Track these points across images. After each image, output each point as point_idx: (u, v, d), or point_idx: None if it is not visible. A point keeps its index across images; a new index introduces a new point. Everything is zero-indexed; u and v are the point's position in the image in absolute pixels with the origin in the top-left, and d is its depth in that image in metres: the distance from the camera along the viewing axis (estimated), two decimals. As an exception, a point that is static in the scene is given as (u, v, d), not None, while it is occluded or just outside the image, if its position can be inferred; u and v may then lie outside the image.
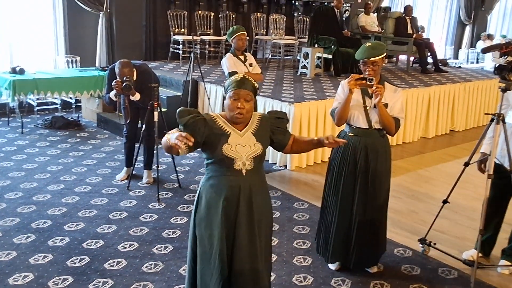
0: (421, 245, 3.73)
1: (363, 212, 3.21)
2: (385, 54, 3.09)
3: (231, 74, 4.73)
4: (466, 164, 3.49)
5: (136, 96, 4.47)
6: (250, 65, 4.89)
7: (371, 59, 2.99)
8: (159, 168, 4.64)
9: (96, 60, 7.53)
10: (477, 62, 12.99)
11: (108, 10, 7.44)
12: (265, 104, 5.50)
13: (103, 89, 6.50)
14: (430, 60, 8.80)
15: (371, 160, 3.15)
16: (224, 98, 2.34)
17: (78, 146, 5.79)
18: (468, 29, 13.78)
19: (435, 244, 3.66)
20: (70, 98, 6.92)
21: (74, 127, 6.52)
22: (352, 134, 3.18)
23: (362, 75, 3.02)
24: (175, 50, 7.79)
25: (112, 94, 4.52)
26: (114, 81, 4.37)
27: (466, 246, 3.82)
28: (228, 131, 2.29)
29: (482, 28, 13.99)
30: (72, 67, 7.21)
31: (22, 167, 5.00)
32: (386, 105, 3.05)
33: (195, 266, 2.41)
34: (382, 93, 2.94)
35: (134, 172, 4.88)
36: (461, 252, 3.69)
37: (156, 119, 4.43)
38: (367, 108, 3.08)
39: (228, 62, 4.77)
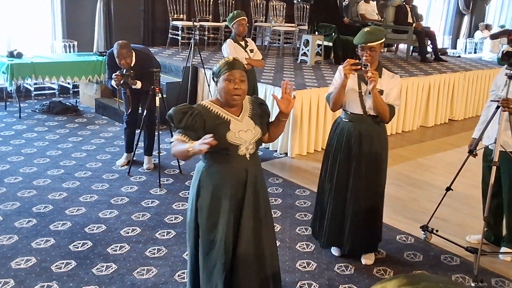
0: (423, 232, 3.74)
1: (357, 199, 3.20)
2: (383, 39, 3.04)
3: (233, 60, 4.69)
4: (470, 152, 3.50)
5: (138, 85, 4.42)
6: (251, 51, 4.84)
7: (369, 44, 2.95)
8: (162, 154, 4.62)
9: (94, 45, 7.44)
10: (475, 52, 12.99)
11: (106, -5, 7.34)
12: (266, 91, 5.46)
13: (103, 74, 6.48)
14: (429, 49, 8.78)
15: (365, 146, 3.14)
16: (214, 80, 2.28)
17: (77, 132, 5.74)
18: (466, 19, 13.75)
19: (437, 231, 3.67)
20: (68, 83, 6.86)
21: (72, 112, 6.47)
22: (347, 120, 3.18)
23: (358, 61, 2.99)
24: (174, 36, 7.72)
25: (113, 82, 4.48)
26: (114, 74, 4.32)
27: (468, 233, 3.84)
28: (227, 118, 2.26)
29: (480, 18, 13.96)
30: (70, 52, 7.12)
31: (21, 151, 4.95)
32: (381, 92, 3.01)
33: (197, 254, 2.39)
34: (376, 80, 2.90)
35: (134, 158, 4.85)
36: (463, 239, 3.71)
37: (157, 104, 4.39)
38: (362, 94, 3.06)
39: (228, 48, 4.73)
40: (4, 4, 6.91)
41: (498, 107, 3.22)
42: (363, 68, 2.89)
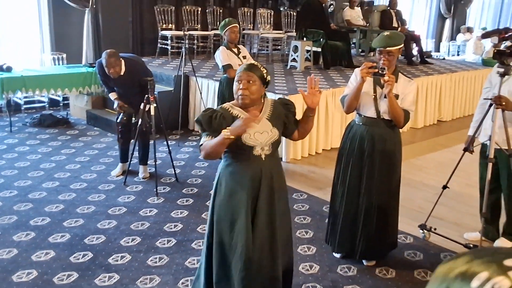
0: (421, 231, 3.78)
1: (370, 203, 3.19)
2: (402, 45, 3.06)
3: (225, 67, 4.72)
4: (465, 149, 3.55)
5: (142, 106, 4.48)
6: (244, 57, 4.87)
7: (387, 48, 2.96)
8: (157, 163, 4.61)
9: (83, 57, 7.41)
10: (458, 54, 13.19)
11: (94, 6, 7.33)
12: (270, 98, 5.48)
13: (93, 85, 6.47)
14: (414, 52, 8.90)
15: (378, 150, 3.12)
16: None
17: (69, 144, 5.70)
18: (448, 23, 13.97)
19: (435, 229, 3.71)
20: (58, 95, 6.82)
21: (63, 124, 6.42)
22: (360, 123, 3.17)
23: (375, 64, 3.02)
24: (163, 46, 7.73)
25: (111, 97, 4.58)
26: (117, 106, 4.53)
27: (465, 230, 3.89)
28: None
29: (461, 21, 14.20)
30: (59, 64, 7.08)
31: (14, 165, 4.90)
32: (397, 96, 3.01)
33: (211, 255, 2.42)
34: (392, 84, 2.91)
35: (130, 168, 4.83)
36: (461, 237, 3.76)
37: (152, 113, 4.39)
38: (377, 97, 3.06)
39: (221, 55, 4.76)
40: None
41: (491, 105, 3.29)
42: (380, 72, 2.91)
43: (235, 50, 4.83)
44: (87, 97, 6.65)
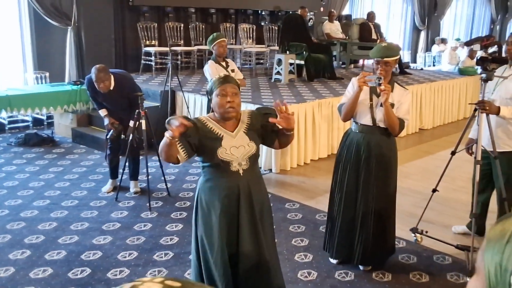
0: (413, 235, 3.86)
1: (367, 209, 3.25)
2: (398, 56, 3.17)
3: (215, 80, 4.78)
4: (453, 153, 3.67)
5: (131, 123, 4.49)
6: (232, 71, 4.94)
7: (385, 59, 3.05)
8: (145, 178, 4.61)
9: (66, 75, 7.38)
10: (434, 65, 13.55)
11: (76, 24, 7.33)
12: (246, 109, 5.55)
13: (79, 103, 6.45)
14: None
15: (374, 156, 3.19)
16: (209, 103, 2.37)
17: (57, 162, 5.66)
18: (423, 34, 14.36)
19: (427, 232, 3.80)
20: (42, 114, 6.77)
21: (48, 143, 6.36)
22: (357, 131, 3.24)
23: (372, 74, 3.11)
24: (147, 62, 7.76)
25: (101, 113, 4.59)
26: (108, 123, 4.55)
27: (455, 234, 3.99)
28: (220, 134, 2.31)
29: (435, 32, 14.61)
30: (42, 83, 7.04)
31: (3, 185, 4.84)
32: (392, 105, 3.09)
33: (200, 268, 2.44)
34: (389, 93, 2.99)
35: (118, 184, 4.81)
36: (451, 239, 3.86)
37: (144, 127, 4.41)
38: (373, 106, 3.14)
39: (210, 69, 4.82)
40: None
41: (476, 110, 3.41)
42: (376, 81, 2.99)
43: (224, 63, 4.90)
44: (72, 115, 6.62)
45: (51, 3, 6.94)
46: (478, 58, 3.37)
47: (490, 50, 10.07)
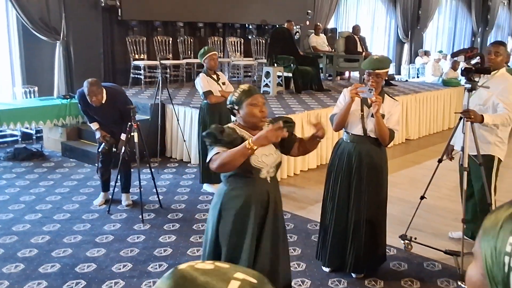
0: (402, 241, 3.93)
1: (358, 217, 3.31)
2: (389, 68, 3.27)
3: (206, 93, 4.85)
4: (440, 161, 3.78)
5: (123, 136, 4.52)
6: (223, 83, 5.02)
7: (376, 71, 3.15)
8: (137, 190, 4.64)
9: (54, 89, 7.39)
10: (417, 76, 13.81)
11: (65, 39, 7.36)
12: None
13: (68, 117, 6.46)
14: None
15: (365, 166, 3.26)
16: (232, 110, 2.43)
17: (47, 176, 5.64)
18: (406, 47, 14.64)
19: (415, 238, 3.88)
20: (31, 129, 6.76)
21: (38, 157, 6.34)
22: (348, 141, 3.32)
23: (364, 85, 3.20)
24: (136, 76, 7.80)
25: (92, 127, 4.63)
26: (100, 136, 4.58)
27: (442, 240, 4.09)
28: None
29: (419, 45, 14.91)
30: (30, 97, 7.04)
31: (-7, 199, 4.83)
32: (383, 116, 3.17)
33: None
34: (379, 104, 3.08)
35: (110, 197, 4.83)
36: (440, 246, 3.94)
37: (136, 140, 4.44)
38: (364, 116, 3.23)
39: (202, 82, 4.88)
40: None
41: (461, 118, 3.53)
42: (368, 92, 3.08)
43: (215, 76, 4.97)
44: (62, 129, 6.62)
45: (40, 17, 6.97)
46: (462, 69, 3.49)
47: (473, 61, 10.34)
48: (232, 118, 2.55)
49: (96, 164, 5.76)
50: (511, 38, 20.20)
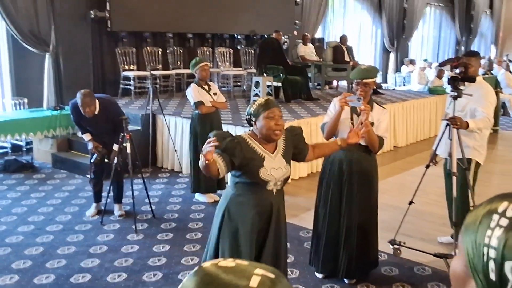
0: (391, 246, 4.00)
1: (350, 223, 3.38)
2: (376, 77, 3.37)
3: (197, 104, 4.90)
4: (427, 166, 3.90)
5: (115, 147, 4.55)
6: (214, 94, 5.07)
7: (364, 80, 3.24)
8: (129, 201, 4.67)
9: (44, 101, 7.39)
10: (404, 85, 14.01)
11: (55, 50, 7.37)
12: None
13: (58, 128, 6.46)
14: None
15: (356, 173, 3.34)
16: (250, 122, 2.50)
17: (38, 188, 5.64)
18: (392, 56, 14.86)
19: (404, 243, 3.96)
20: (21, 140, 6.75)
21: (28, 169, 6.32)
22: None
23: (353, 94, 3.28)
24: (126, 86, 7.83)
25: (85, 138, 4.64)
26: (92, 147, 4.60)
27: (431, 245, 4.17)
28: (262, 155, 2.44)
29: (404, 54, 15.15)
30: (20, 109, 7.03)
31: (-15, 211, 4.81)
32: (372, 124, 3.24)
33: None
34: (368, 112, 3.15)
35: (103, 208, 4.84)
36: (429, 250, 4.02)
37: (129, 150, 4.47)
38: (353, 124, 3.29)
39: (193, 92, 4.93)
40: None
41: (447, 125, 3.64)
42: (357, 101, 3.16)
43: (206, 87, 5.02)
44: (52, 140, 6.61)
45: (29, 29, 6.99)
46: (449, 77, 3.62)
47: (457, 70, 10.53)
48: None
49: (88, 175, 5.78)
50: (494, 47, 20.64)
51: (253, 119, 2.46)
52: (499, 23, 20.89)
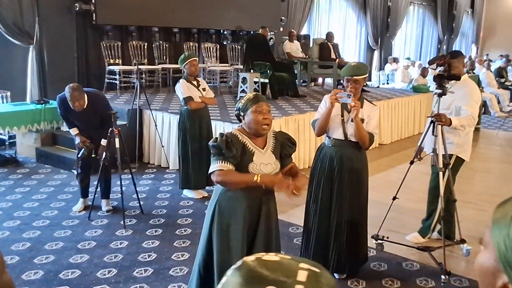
0: (375, 241, 4.05)
1: (340, 219, 3.40)
2: (367, 74, 3.39)
3: (186, 99, 4.87)
4: (411, 162, 3.98)
5: (103, 142, 4.51)
6: (204, 89, 5.05)
7: (354, 77, 3.26)
8: (116, 196, 4.63)
9: (27, 94, 7.27)
10: (387, 83, 14.15)
11: (38, 43, 7.24)
12: (215, 128, 5.66)
13: (43, 122, 6.36)
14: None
15: (346, 169, 3.36)
16: (239, 117, 2.50)
17: (22, 182, 5.55)
18: (376, 54, 14.99)
19: (388, 237, 4.01)
20: (4, 134, 6.63)
21: (12, 164, 6.22)
22: (330, 145, 3.42)
23: (343, 91, 3.30)
24: (111, 81, 7.74)
25: (72, 132, 4.56)
26: (79, 142, 4.53)
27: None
28: (252, 150, 2.45)
29: (388, 52, 15.29)
30: (3, 102, 6.90)
31: (-31, 206, 4.72)
32: (362, 120, 3.28)
33: (205, 275, 2.51)
34: (358, 109, 3.19)
35: (90, 203, 4.79)
36: (414, 247, 4.09)
37: (117, 145, 4.43)
38: (344, 121, 3.34)
39: (182, 88, 4.90)
40: None
41: (432, 122, 3.71)
42: (347, 98, 3.18)
43: (195, 82, 4.99)
44: (36, 135, 6.51)
45: (13, 22, 6.85)
46: (435, 75, 3.69)
47: (439, 68, 10.72)
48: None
49: (74, 170, 5.70)
50: (475, 46, 20.99)
51: (242, 113, 2.47)
52: (480, 22, 21.25)
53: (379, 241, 4.01)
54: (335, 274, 3.56)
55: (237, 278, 0.67)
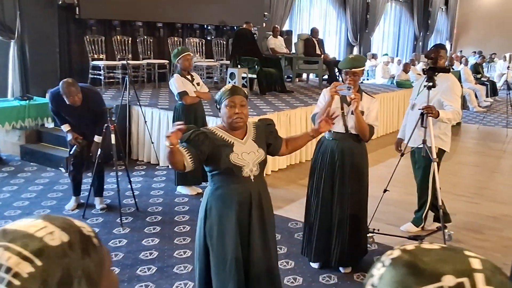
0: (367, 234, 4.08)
1: (342, 213, 3.41)
2: (364, 66, 3.39)
3: (181, 94, 4.80)
4: (402, 154, 4.09)
5: (97, 139, 4.40)
6: (198, 84, 4.98)
7: (353, 69, 3.26)
8: (109, 194, 4.52)
9: (9, 90, 7.04)
10: (367, 79, 14.29)
11: (20, 38, 7.01)
12: (209, 123, 5.59)
13: (27, 119, 6.18)
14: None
15: (347, 162, 3.37)
16: (218, 109, 2.45)
17: (9, 181, 5.37)
18: (356, 50, 15.11)
19: (378, 230, 4.04)
20: (-15, 131, 6.41)
21: (-5, 162, 6.03)
22: (330, 138, 3.42)
23: (342, 83, 3.30)
24: (95, 76, 7.57)
25: (64, 128, 4.44)
26: (72, 138, 4.40)
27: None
28: (230, 141, 2.39)
29: (367, 48, 15.45)
30: (-17, 98, 6.66)
31: (-44, 206, 4.54)
32: (362, 113, 3.28)
33: (207, 275, 2.47)
34: (358, 101, 3.19)
35: (82, 201, 4.68)
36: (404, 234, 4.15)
37: (113, 141, 4.33)
38: (344, 114, 3.35)
39: (176, 83, 4.83)
40: None
41: (422, 114, 3.75)
42: (347, 90, 3.18)
43: (189, 77, 4.92)
44: (20, 132, 6.32)
45: (-7, 15, 6.62)
46: (427, 68, 3.75)
47: (419, 63, 10.93)
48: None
49: (61, 168, 5.58)
50: (449, 42, 21.40)
51: (218, 106, 2.43)
52: (453, 19, 21.68)
53: (370, 234, 4.04)
54: (340, 268, 3.57)
55: (400, 269, 0.63)
